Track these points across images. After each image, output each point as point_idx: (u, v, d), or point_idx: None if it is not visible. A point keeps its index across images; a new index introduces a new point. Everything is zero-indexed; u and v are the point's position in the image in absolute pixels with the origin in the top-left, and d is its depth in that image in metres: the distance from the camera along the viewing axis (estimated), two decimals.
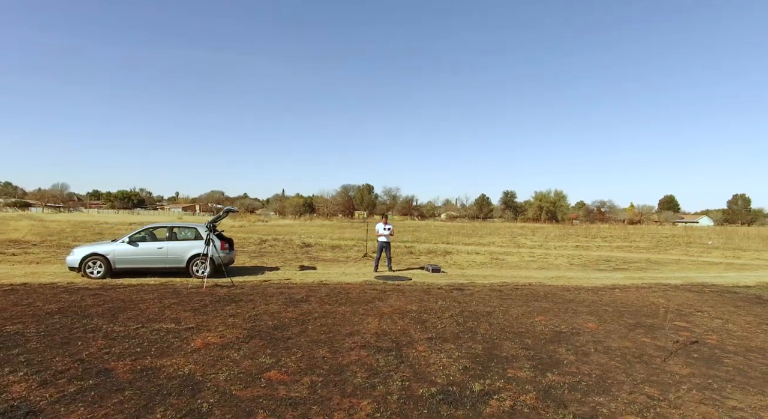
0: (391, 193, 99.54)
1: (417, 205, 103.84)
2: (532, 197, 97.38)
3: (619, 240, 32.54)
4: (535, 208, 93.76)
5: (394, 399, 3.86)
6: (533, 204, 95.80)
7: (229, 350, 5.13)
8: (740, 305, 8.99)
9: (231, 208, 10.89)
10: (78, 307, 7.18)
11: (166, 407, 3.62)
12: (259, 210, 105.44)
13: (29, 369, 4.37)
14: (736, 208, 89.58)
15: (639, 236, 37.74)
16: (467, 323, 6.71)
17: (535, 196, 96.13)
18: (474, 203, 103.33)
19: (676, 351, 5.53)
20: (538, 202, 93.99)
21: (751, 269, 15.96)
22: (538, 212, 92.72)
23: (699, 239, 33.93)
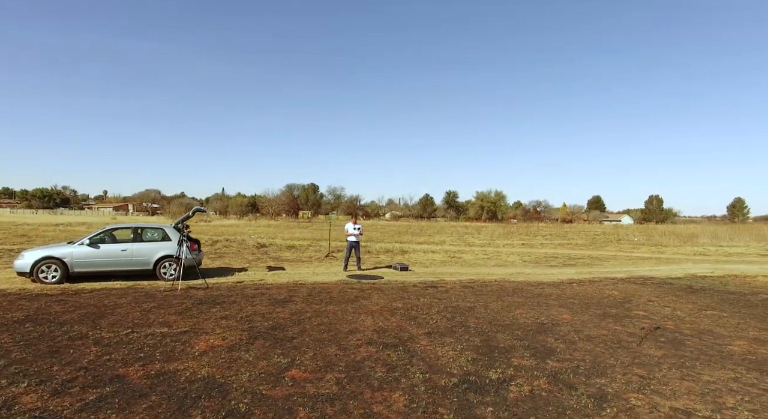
0: (335, 192, 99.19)
1: (362, 205, 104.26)
2: (473, 197, 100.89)
3: (559, 238, 34.69)
4: (477, 207, 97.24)
5: (422, 390, 4.08)
6: (475, 204, 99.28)
7: (238, 352, 5.10)
8: (679, 294, 10.07)
9: (200, 207, 10.56)
10: (47, 314, 6.72)
11: (201, 409, 3.59)
12: None
13: (30, 380, 4.12)
14: (651, 208, 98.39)
15: (575, 234, 40.45)
16: (455, 318, 7.05)
17: (477, 196, 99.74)
18: (418, 202, 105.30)
19: (645, 336, 6.19)
20: (480, 202, 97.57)
21: (676, 263, 17.74)
22: (480, 211, 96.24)
23: (626, 236, 36.96)
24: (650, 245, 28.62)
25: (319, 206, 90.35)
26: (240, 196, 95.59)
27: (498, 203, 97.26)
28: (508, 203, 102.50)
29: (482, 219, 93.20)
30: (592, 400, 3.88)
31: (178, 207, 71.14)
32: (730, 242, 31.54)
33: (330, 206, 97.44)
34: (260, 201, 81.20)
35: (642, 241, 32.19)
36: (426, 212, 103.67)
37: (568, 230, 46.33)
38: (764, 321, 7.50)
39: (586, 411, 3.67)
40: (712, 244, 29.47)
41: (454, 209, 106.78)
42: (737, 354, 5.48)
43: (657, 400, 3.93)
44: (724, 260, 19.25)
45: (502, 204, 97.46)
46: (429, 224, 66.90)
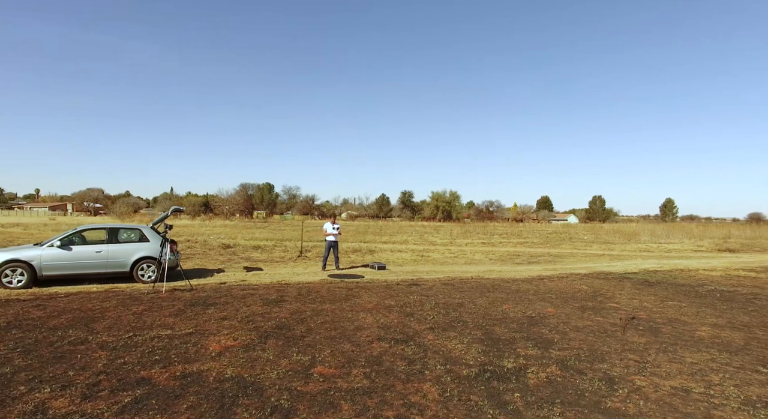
0: (291, 192, 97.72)
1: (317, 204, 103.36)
2: (429, 197, 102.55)
3: (515, 237, 36.12)
4: (432, 207, 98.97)
5: (448, 380, 4.33)
6: (430, 204, 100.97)
7: (254, 351, 5.13)
8: (640, 288, 10.94)
9: (178, 207, 10.28)
10: (30, 320, 6.39)
11: (244, 407, 3.66)
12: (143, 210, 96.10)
13: (51, 385, 4.00)
14: (595, 207, 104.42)
15: (529, 233, 42.28)
16: (450, 314, 7.36)
17: (432, 196, 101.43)
18: (374, 202, 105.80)
19: (626, 325, 6.77)
20: (435, 201, 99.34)
21: (627, 259, 19.10)
22: (435, 211, 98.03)
23: (576, 235, 39.12)
24: (599, 242, 30.45)
25: (275, 205, 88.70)
26: (192, 195, 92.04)
27: (453, 203, 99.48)
28: (462, 203, 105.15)
29: (437, 219, 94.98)
30: (603, 383, 4.29)
31: (125, 207, 67.50)
32: (666, 239, 34.11)
33: (285, 206, 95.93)
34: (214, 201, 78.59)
35: (591, 239, 34.17)
36: (382, 212, 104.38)
37: (522, 229, 48.30)
38: (716, 309, 8.34)
39: (602, 392, 4.07)
40: (652, 241, 31.78)
41: (410, 209, 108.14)
42: (706, 339, 6.14)
43: (657, 381, 4.40)
44: (667, 256, 20.93)
45: (456, 204, 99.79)
46: (387, 224, 67.43)
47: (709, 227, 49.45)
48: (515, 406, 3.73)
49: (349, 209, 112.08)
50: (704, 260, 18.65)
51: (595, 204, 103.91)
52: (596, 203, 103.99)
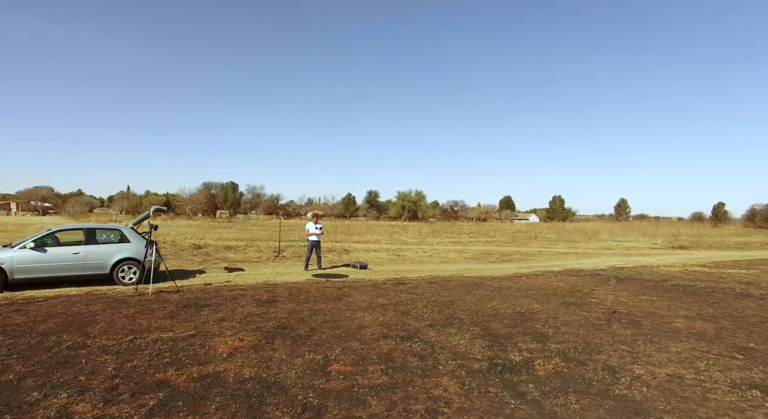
0: (255, 191, 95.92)
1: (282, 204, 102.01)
2: (395, 196, 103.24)
3: (482, 236, 37.03)
4: (398, 207, 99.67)
5: (463, 374, 4.52)
6: (396, 204, 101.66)
7: (265, 351, 5.14)
8: (611, 284, 11.57)
9: (159, 207, 10.03)
10: (14, 325, 6.12)
11: (273, 406, 3.70)
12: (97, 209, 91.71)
13: (67, 391, 3.90)
14: (555, 207, 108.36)
15: (495, 232, 43.41)
16: (444, 311, 7.57)
17: (398, 196, 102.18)
18: (341, 201, 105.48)
19: (609, 319, 7.20)
20: (401, 201, 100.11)
21: (594, 257, 20.04)
22: (401, 210, 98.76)
23: (540, 233, 40.51)
24: (563, 241, 31.69)
25: (239, 205, 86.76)
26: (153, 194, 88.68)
27: (418, 203, 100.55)
28: (427, 203, 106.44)
29: (403, 218, 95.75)
30: (606, 372, 4.60)
31: (79, 206, 64.25)
32: (624, 237, 35.90)
33: (249, 206, 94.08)
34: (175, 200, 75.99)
35: (555, 238, 35.50)
36: (348, 212, 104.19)
37: (489, 229, 49.51)
38: (683, 302, 8.95)
39: (607, 380, 4.36)
40: (612, 239, 33.38)
41: (376, 209, 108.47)
42: (683, 330, 6.62)
43: (652, 369, 4.75)
44: (628, 254, 22.08)
45: (422, 204, 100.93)
46: (354, 224, 67.38)
47: (660, 225, 52.40)
48: (532, 396, 3.96)
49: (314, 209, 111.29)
50: (662, 257, 19.83)
51: (555, 204, 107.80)
52: (556, 202, 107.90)
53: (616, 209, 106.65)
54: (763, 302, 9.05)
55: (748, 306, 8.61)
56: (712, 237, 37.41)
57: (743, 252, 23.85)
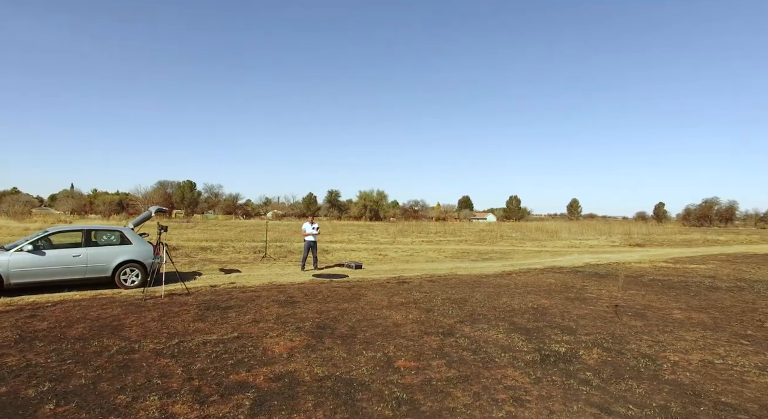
0: (213, 190, 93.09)
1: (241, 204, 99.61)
2: (356, 196, 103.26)
3: (450, 235, 37.89)
4: (360, 206, 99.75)
5: (522, 364, 4.84)
6: (358, 203, 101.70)
7: (323, 350, 5.25)
8: (596, 280, 12.31)
9: (161, 207, 9.77)
10: (42, 331, 5.88)
11: (366, 401, 3.86)
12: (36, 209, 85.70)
13: (153, 394, 3.87)
14: (512, 207, 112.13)
15: (461, 231, 44.54)
16: (463, 308, 7.89)
17: (360, 195, 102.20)
18: (302, 201, 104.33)
19: (617, 312, 7.78)
20: (363, 201, 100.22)
21: (566, 254, 21.09)
22: (363, 210, 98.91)
23: (505, 233, 41.98)
24: (528, 239, 33.01)
25: (197, 204, 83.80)
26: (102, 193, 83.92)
27: (380, 203, 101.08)
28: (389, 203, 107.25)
29: (364, 218, 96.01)
30: (646, 360, 5.06)
31: (18, 206, 59.82)
32: (582, 236, 37.86)
33: (207, 205, 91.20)
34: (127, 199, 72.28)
35: (520, 236, 36.91)
36: (310, 211, 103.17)
37: (453, 228, 50.64)
38: (668, 295, 9.74)
39: (651, 367, 4.82)
40: (573, 238, 35.13)
41: (337, 208, 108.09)
42: (684, 321, 7.28)
43: (683, 356, 5.27)
44: (594, 251, 23.38)
45: (384, 203, 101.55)
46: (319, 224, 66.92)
47: (612, 224, 55.68)
48: (596, 383, 4.33)
49: (275, 209, 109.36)
50: (627, 254, 21.18)
51: (512, 204, 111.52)
52: (513, 202, 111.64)
53: (568, 208, 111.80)
54: (733, 294, 10.00)
55: (724, 298, 9.49)
56: (660, 235, 40.14)
57: (691, 249, 25.84)
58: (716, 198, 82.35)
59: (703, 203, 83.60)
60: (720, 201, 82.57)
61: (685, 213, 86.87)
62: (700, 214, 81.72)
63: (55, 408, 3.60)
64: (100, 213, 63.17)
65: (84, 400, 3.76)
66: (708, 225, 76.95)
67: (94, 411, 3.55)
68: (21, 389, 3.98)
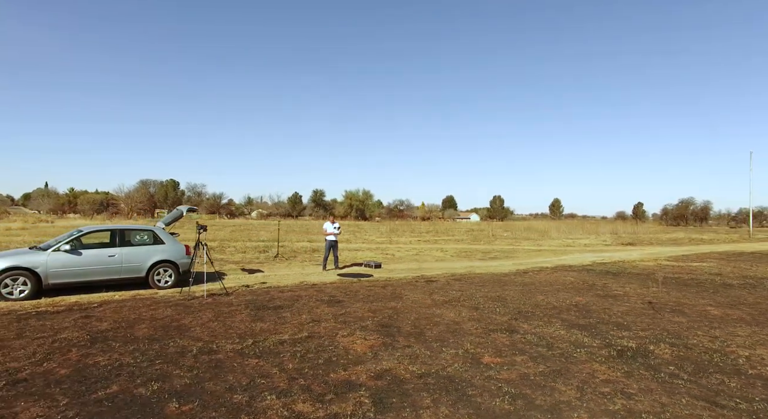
0: (196, 190, 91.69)
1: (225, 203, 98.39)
2: (342, 195, 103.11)
3: (443, 235, 38.21)
4: (346, 206, 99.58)
5: (602, 359, 5.00)
6: (344, 203, 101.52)
7: (403, 349, 5.31)
8: (612, 278, 12.63)
9: (192, 206, 9.67)
10: (108, 331, 5.79)
11: (478, 396, 3.94)
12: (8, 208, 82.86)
13: (267, 394, 3.88)
14: (495, 206, 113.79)
15: (454, 231, 44.99)
16: (506, 306, 8.03)
17: (346, 195, 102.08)
18: (287, 200, 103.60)
19: (653, 306, 8.05)
20: (349, 200, 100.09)
21: (568, 253, 21.53)
22: (349, 209, 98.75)
23: (496, 232, 42.56)
24: (521, 238, 33.55)
25: (180, 203, 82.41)
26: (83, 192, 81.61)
27: (366, 202, 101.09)
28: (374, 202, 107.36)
29: (350, 217, 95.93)
30: (718, 355, 5.27)
31: None
32: (572, 235, 38.69)
33: (191, 204, 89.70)
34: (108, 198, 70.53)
35: (512, 236, 37.49)
36: (295, 211, 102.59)
37: (444, 228, 51.08)
38: (689, 292, 10.08)
39: (727, 361, 5.03)
40: (564, 237, 35.86)
41: (322, 208, 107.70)
42: (724, 317, 7.54)
43: (751, 351, 5.50)
44: (591, 250, 23.92)
45: (369, 203, 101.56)
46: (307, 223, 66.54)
47: (597, 224, 56.96)
48: (686, 377, 4.50)
49: (259, 208, 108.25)
50: (624, 253, 21.76)
51: (496, 204, 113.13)
52: (496, 202, 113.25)
53: (550, 208, 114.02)
54: (749, 291, 10.40)
55: (742, 295, 9.86)
56: (646, 234, 41.32)
57: (681, 248, 26.64)
58: (692, 198, 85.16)
59: (680, 203, 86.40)
60: (695, 201, 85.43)
61: (662, 213, 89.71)
62: (677, 214, 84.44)
63: (180, 407, 3.58)
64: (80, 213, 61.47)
65: (202, 399, 3.74)
66: (684, 225, 79.50)
67: (219, 410, 3.55)
68: (131, 388, 3.94)
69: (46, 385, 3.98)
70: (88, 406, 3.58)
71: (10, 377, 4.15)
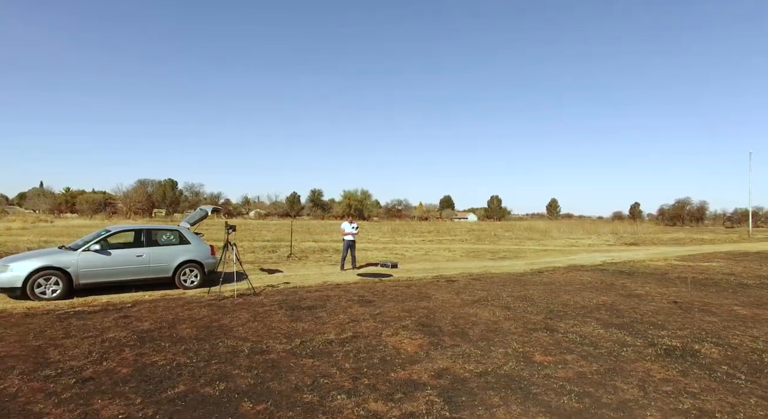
0: (194, 189, 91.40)
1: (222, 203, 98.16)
2: (341, 195, 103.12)
3: (446, 235, 38.29)
4: (344, 206, 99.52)
5: (651, 358, 5.04)
6: (342, 202, 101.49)
7: (452, 348, 5.35)
8: (627, 278, 12.70)
9: (216, 206, 9.65)
10: (151, 331, 5.78)
11: (544, 395, 3.98)
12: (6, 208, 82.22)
13: (335, 393, 3.91)
14: (493, 206, 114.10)
15: (456, 231, 45.12)
16: (535, 305, 8.08)
17: (344, 195, 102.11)
18: (286, 200, 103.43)
19: (679, 306, 8.12)
20: (347, 200, 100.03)
21: (575, 253, 21.62)
22: (347, 209, 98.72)
23: (498, 232, 42.72)
24: (526, 238, 33.68)
25: (178, 203, 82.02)
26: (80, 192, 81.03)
27: (364, 202, 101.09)
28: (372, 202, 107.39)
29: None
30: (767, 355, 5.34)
31: None
32: (574, 235, 38.85)
33: (188, 204, 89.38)
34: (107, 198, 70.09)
35: (514, 235, 37.62)
36: (293, 211, 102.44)
37: (448, 228, 51.22)
38: (709, 291, 10.16)
39: None
40: (566, 237, 36.02)
41: (320, 208, 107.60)
42: (754, 316, 7.60)
43: None
44: (598, 250, 24.03)
45: (368, 203, 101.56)
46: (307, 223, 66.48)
47: (597, 224, 57.35)
48: (743, 377, 4.54)
49: (257, 208, 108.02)
50: (631, 253, 21.88)
51: (493, 203, 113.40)
52: (494, 202, 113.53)
53: (547, 208, 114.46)
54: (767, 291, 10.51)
55: (762, 295, 9.96)
56: (647, 234, 41.55)
57: (685, 248, 26.82)
58: (688, 198, 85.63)
59: (676, 203, 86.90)
60: (692, 201, 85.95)
61: (659, 213, 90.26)
62: (674, 214, 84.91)
63: (254, 406, 3.60)
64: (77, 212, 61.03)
65: (273, 399, 3.75)
66: (681, 224, 79.99)
67: (294, 409, 3.56)
68: (197, 387, 3.95)
69: (114, 384, 3.97)
70: (163, 405, 3.58)
71: (76, 375, 4.16)
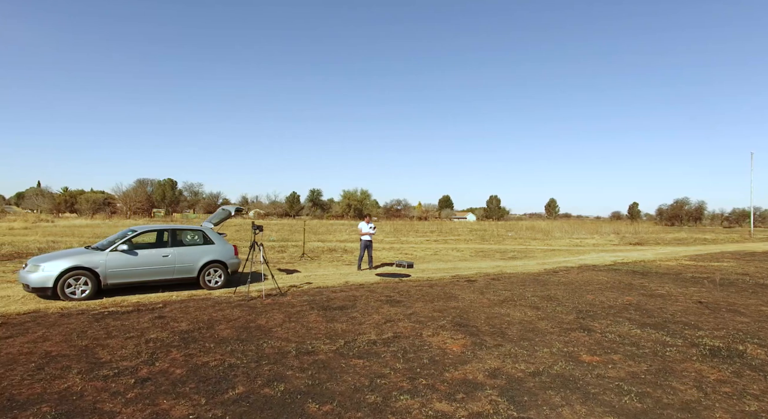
0: (193, 189, 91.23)
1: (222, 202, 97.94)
2: (340, 195, 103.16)
3: (450, 234, 38.31)
4: (344, 205, 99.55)
5: (699, 358, 5.05)
6: (341, 202, 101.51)
7: (497, 348, 5.36)
8: (642, 277, 12.73)
9: (239, 206, 9.62)
10: (192, 332, 5.75)
11: (604, 395, 3.99)
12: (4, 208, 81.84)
13: (398, 394, 3.90)
14: (492, 206, 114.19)
15: (460, 231, 45.10)
16: (562, 305, 8.09)
17: (344, 194, 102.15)
18: (285, 200, 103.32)
19: (706, 306, 8.14)
20: (347, 200, 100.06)
21: (583, 253, 21.66)
22: (347, 209, 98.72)
23: (500, 232, 42.76)
24: (531, 238, 33.73)
25: (178, 203, 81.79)
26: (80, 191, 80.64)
27: (364, 202, 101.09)
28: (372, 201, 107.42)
29: (348, 217, 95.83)
30: None
31: None
32: (576, 235, 38.90)
33: (187, 204, 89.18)
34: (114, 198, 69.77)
35: (517, 235, 37.68)
36: (293, 210, 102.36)
37: (451, 227, 51.18)
38: (729, 291, 10.19)
39: None
40: (570, 237, 36.10)
41: (320, 207, 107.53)
42: None
43: None
44: (605, 250, 24.08)
45: (367, 202, 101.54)
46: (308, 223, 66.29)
47: (598, 223, 57.46)
48: None
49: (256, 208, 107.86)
50: (638, 253, 21.94)
51: (492, 203, 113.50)
52: (493, 202, 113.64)
53: (546, 208, 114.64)
54: None
55: None
56: (649, 234, 41.68)
57: (691, 247, 26.94)
58: (686, 198, 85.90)
59: (675, 203, 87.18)
60: (690, 201, 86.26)
61: (657, 213, 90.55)
62: (672, 214, 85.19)
63: (320, 407, 3.59)
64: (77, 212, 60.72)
65: (336, 400, 3.74)
66: (679, 224, 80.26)
67: (362, 410, 3.56)
68: (256, 389, 3.94)
69: (173, 384, 3.96)
70: (229, 406, 3.57)
71: (133, 375, 4.13)
